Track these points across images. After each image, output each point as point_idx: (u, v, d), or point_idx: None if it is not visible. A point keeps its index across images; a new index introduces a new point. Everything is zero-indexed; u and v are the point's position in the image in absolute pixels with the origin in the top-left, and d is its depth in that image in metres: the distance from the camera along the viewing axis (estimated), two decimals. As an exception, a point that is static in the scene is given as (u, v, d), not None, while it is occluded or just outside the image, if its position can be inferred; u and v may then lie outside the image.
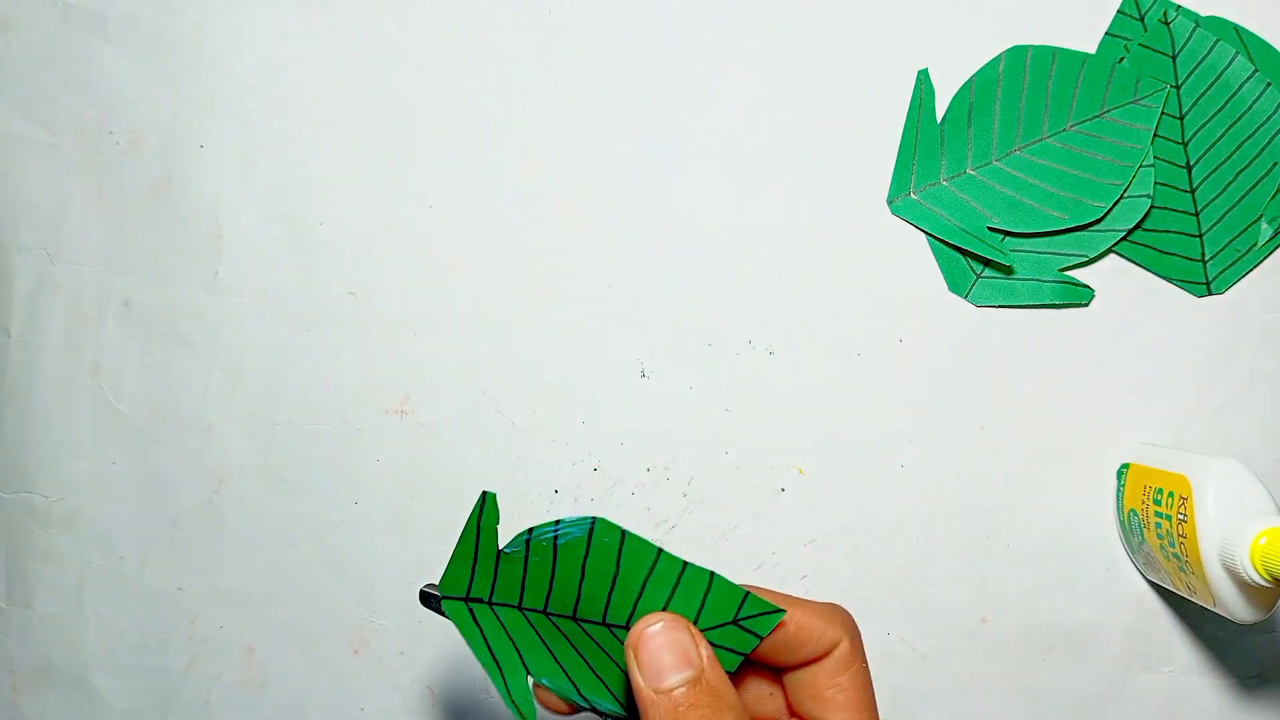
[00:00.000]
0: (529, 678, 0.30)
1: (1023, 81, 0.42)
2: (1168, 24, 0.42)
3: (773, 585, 0.43)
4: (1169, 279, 0.43)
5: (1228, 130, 0.42)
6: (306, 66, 0.43)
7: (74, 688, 0.45)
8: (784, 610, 0.29)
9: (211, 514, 0.44)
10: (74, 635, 0.45)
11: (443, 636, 0.44)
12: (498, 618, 0.30)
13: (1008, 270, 0.43)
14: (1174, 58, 0.42)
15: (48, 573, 0.45)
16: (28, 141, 0.44)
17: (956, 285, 0.43)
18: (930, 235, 0.43)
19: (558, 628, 0.30)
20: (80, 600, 0.45)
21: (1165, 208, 0.42)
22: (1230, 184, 0.42)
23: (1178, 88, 0.42)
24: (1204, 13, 0.42)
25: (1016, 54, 0.42)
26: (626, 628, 0.29)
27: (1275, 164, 0.42)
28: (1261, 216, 0.42)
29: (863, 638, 0.32)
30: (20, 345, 0.44)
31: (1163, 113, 0.42)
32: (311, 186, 0.43)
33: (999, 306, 0.43)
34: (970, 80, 0.42)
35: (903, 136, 0.42)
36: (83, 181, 0.44)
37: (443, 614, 0.30)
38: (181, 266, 0.43)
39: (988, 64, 0.42)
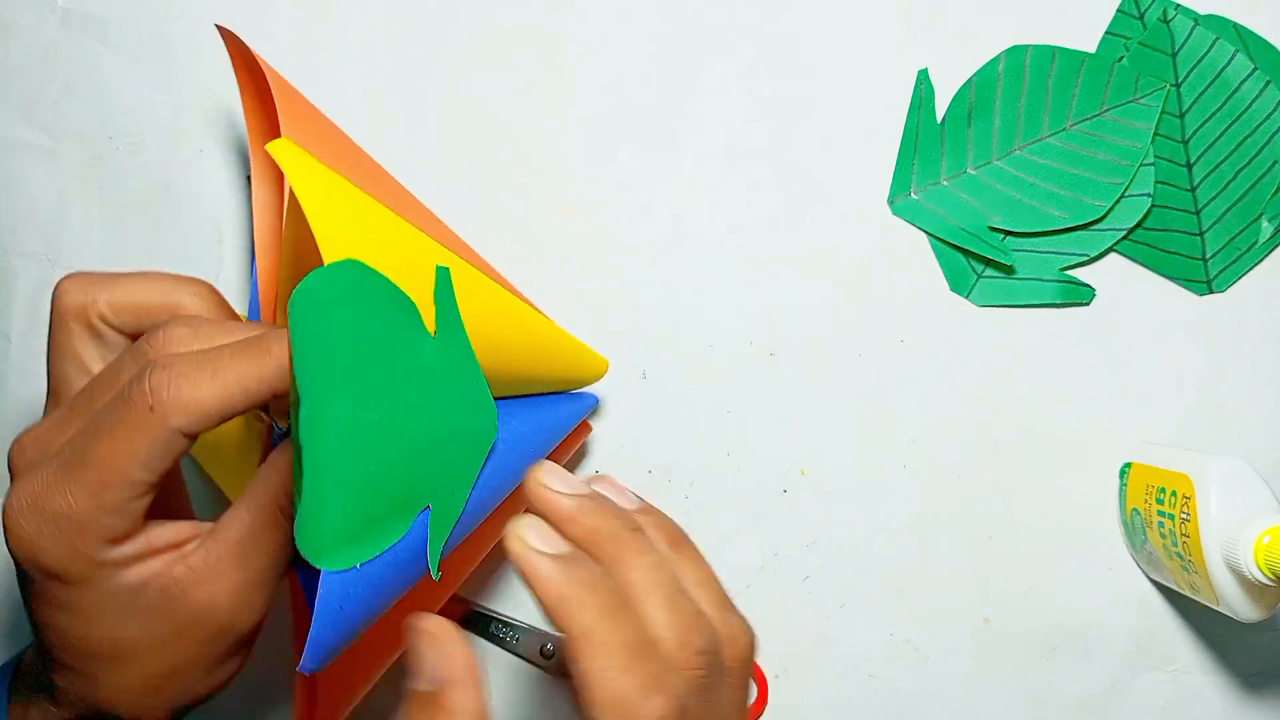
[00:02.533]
0: None
1: (1023, 81, 0.42)
2: (1167, 22, 0.42)
3: (774, 586, 0.43)
4: (1170, 277, 0.43)
5: (1228, 128, 0.42)
6: (305, 70, 0.43)
7: (77, 693, 0.45)
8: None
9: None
10: (76, 640, 0.45)
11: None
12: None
13: (1009, 270, 0.43)
14: (1174, 56, 0.42)
15: (50, 578, 0.45)
16: (28, 146, 0.44)
17: (958, 285, 0.43)
18: (931, 235, 0.43)
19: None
20: (82, 605, 0.45)
21: (1166, 206, 0.42)
22: (1230, 182, 0.42)
23: (1177, 86, 0.42)
24: (1203, 11, 0.42)
25: (1016, 53, 0.42)
26: None
27: (1275, 162, 0.42)
28: (1262, 214, 0.42)
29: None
30: (21, 350, 0.44)
31: (1163, 111, 0.42)
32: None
33: (1000, 306, 0.43)
34: (970, 80, 0.42)
35: (903, 137, 0.42)
36: (83, 186, 0.44)
37: None
38: (182, 271, 0.43)
39: (987, 64, 0.42)
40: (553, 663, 0.43)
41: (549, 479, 0.29)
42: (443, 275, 0.30)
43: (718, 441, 0.43)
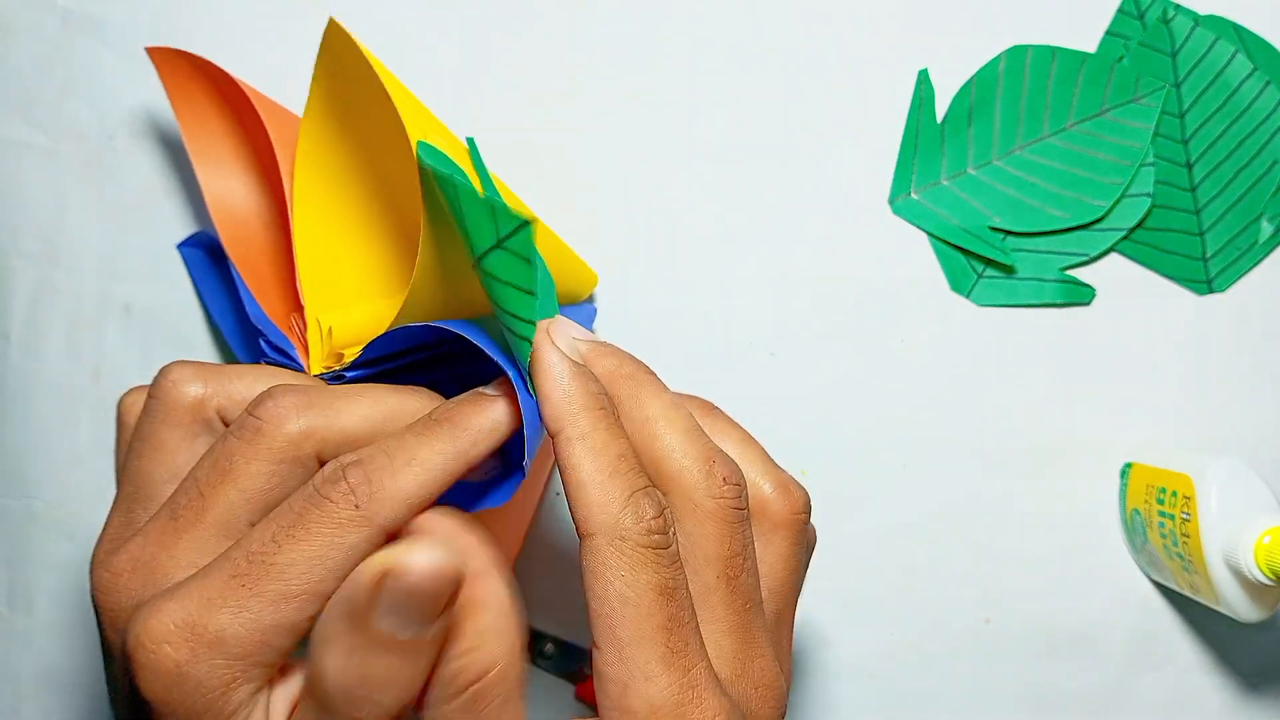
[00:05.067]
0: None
1: (1023, 81, 0.42)
2: (1167, 23, 0.42)
3: (776, 586, 0.43)
4: (1170, 277, 0.43)
5: (1228, 128, 0.42)
6: (305, 70, 0.43)
7: (76, 694, 0.45)
8: (528, 220, 0.25)
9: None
10: (76, 641, 0.45)
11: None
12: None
13: (1009, 270, 0.43)
14: (1173, 56, 0.42)
15: (49, 579, 0.45)
16: (27, 146, 0.44)
17: (958, 285, 0.43)
18: (931, 235, 0.43)
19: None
20: (81, 606, 0.45)
21: (1166, 206, 0.42)
22: (1230, 182, 0.42)
23: (1177, 86, 0.42)
24: (1203, 11, 0.42)
25: (1016, 54, 0.42)
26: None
27: (1275, 162, 0.42)
28: (1262, 214, 0.43)
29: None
30: (20, 350, 0.44)
31: (1163, 111, 0.42)
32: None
33: (1000, 306, 0.43)
34: (970, 80, 0.42)
35: (903, 136, 0.42)
36: (83, 186, 0.43)
37: None
38: (182, 271, 0.43)
39: (988, 64, 0.42)
40: (551, 663, 0.43)
41: (556, 331, 0.27)
42: (472, 145, 0.30)
43: (718, 442, 0.43)
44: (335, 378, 0.33)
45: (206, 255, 0.42)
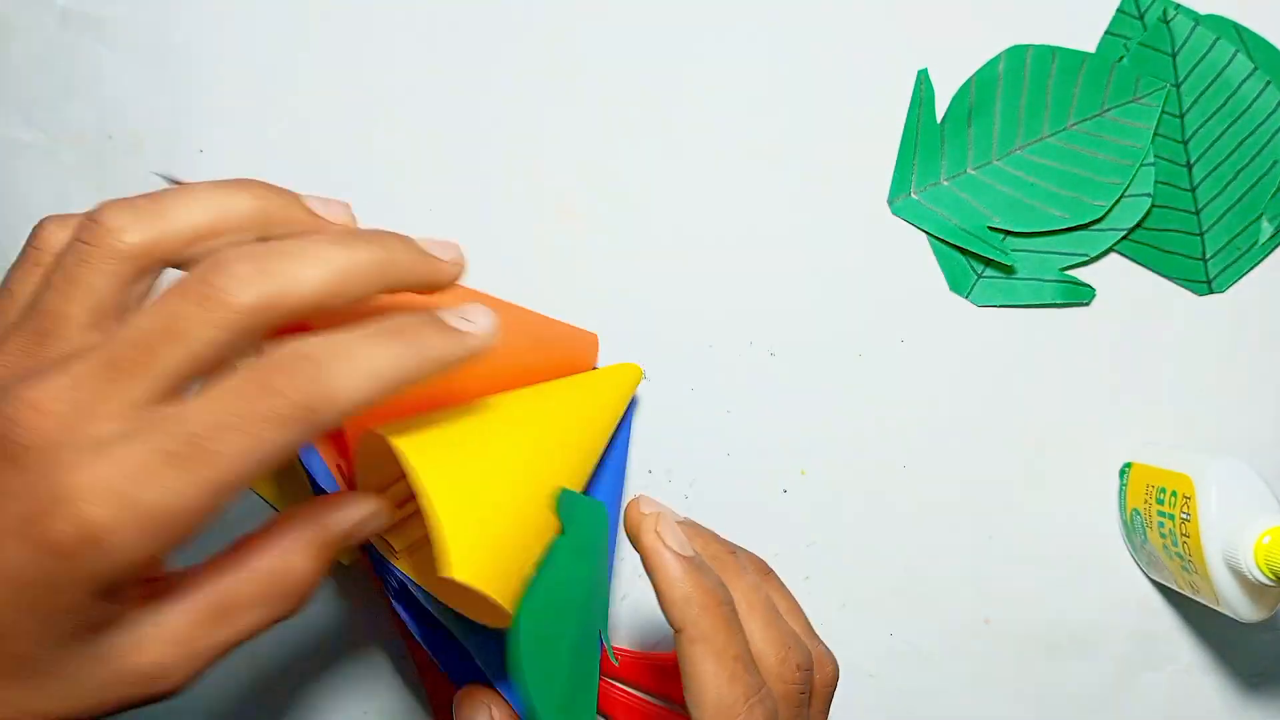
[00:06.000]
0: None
1: (1023, 81, 0.42)
2: (1167, 22, 0.42)
3: (775, 586, 0.43)
4: (1170, 278, 0.43)
5: (1228, 128, 0.42)
6: (306, 70, 0.43)
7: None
8: None
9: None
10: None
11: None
12: None
13: (1009, 270, 0.43)
14: (1174, 56, 0.42)
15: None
16: (26, 146, 0.44)
17: (958, 285, 0.43)
18: (931, 235, 0.43)
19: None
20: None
21: (1166, 206, 0.42)
22: (1231, 182, 0.42)
23: (1177, 86, 0.42)
24: (1203, 11, 0.42)
25: (1016, 53, 0.42)
26: None
27: (1275, 162, 0.42)
28: (1262, 215, 0.42)
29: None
30: (20, 351, 0.44)
31: (1163, 111, 0.42)
32: (311, 191, 0.43)
33: (1000, 306, 0.43)
34: (970, 80, 0.42)
35: (903, 137, 0.42)
36: (82, 186, 0.43)
37: None
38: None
39: (988, 64, 0.42)
40: None
41: (646, 506, 0.31)
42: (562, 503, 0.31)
43: (718, 441, 0.43)
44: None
45: None
